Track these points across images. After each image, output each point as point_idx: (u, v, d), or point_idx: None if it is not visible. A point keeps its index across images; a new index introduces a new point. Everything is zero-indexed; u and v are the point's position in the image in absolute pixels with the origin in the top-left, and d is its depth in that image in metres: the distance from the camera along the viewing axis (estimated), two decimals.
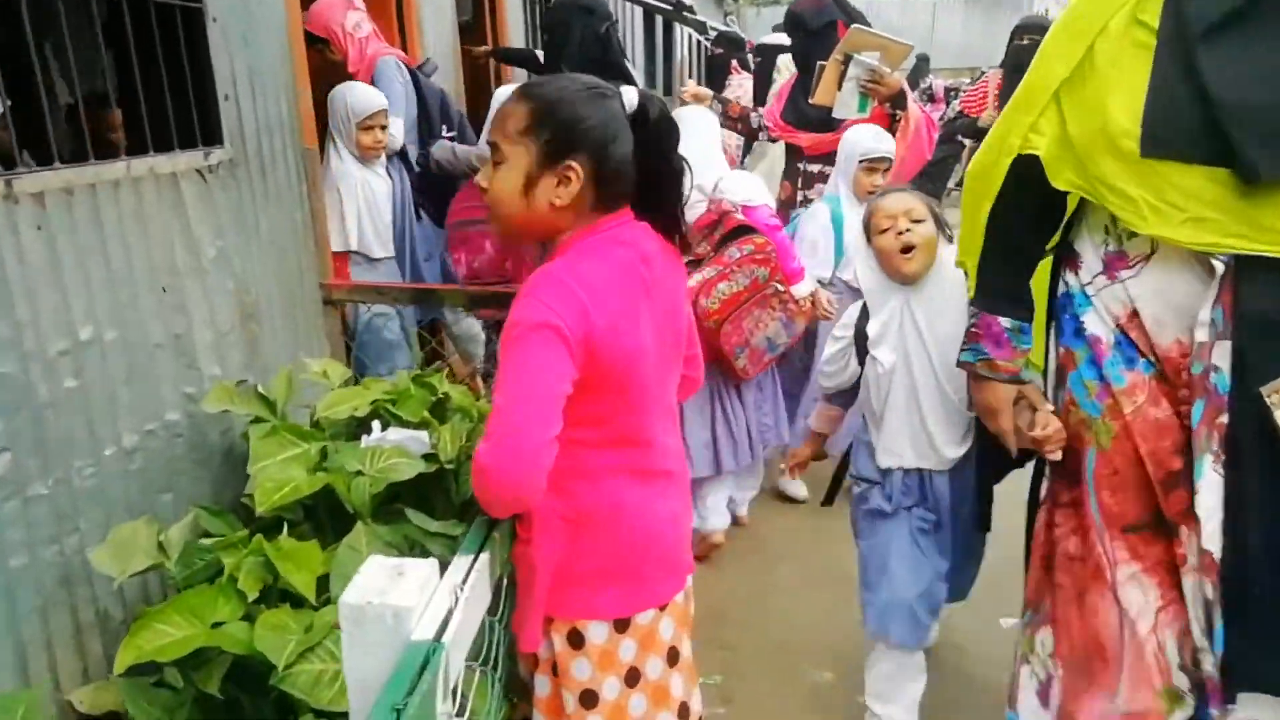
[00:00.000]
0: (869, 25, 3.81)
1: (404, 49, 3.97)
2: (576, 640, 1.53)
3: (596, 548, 1.51)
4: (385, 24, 3.90)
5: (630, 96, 1.46)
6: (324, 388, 2.28)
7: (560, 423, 1.38)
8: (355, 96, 3.21)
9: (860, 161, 3.40)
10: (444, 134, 3.53)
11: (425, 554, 1.73)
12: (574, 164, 1.40)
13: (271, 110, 2.59)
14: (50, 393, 1.81)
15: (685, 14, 8.53)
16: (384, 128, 3.27)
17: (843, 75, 3.58)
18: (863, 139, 3.43)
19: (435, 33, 4.28)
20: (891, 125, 3.70)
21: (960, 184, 7.22)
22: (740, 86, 6.14)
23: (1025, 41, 5.35)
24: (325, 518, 1.87)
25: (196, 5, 2.26)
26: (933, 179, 11.61)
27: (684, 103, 3.80)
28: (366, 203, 3.28)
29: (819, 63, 3.68)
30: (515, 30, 5.40)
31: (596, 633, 1.52)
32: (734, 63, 6.45)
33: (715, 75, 6.01)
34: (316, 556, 1.62)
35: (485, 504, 1.43)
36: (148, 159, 2.10)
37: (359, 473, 1.83)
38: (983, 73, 14.35)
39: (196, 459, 2.24)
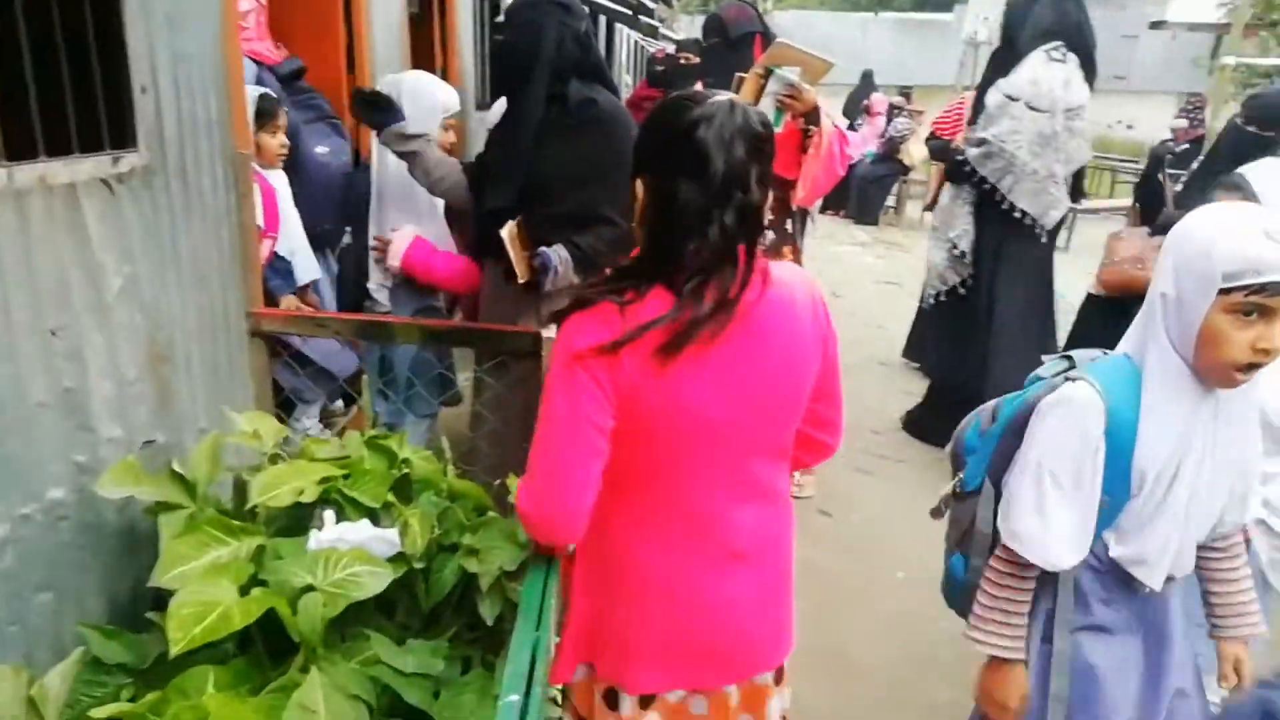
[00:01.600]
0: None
1: (350, 42, 3.54)
2: (612, 700, 1.48)
3: (629, 618, 1.42)
4: (330, 15, 3.46)
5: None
6: (252, 452, 1.85)
7: (603, 455, 1.31)
8: (446, 92, 3.07)
9: (1225, 290, 1.41)
10: None
11: (401, 707, 1.33)
12: (638, 179, 1.33)
13: (199, 107, 2.13)
14: None
15: (640, 18, 8.18)
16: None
17: (761, 89, 3.35)
18: (1235, 242, 1.39)
19: (384, 24, 3.84)
20: (804, 142, 3.50)
21: (897, 207, 7.12)
22: None
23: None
24: (261, 646, 1.45)
25: None
26: (871, 199, 11.56)
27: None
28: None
29: (737, 75, 3.44)
30: (464, 23, 5.00)
31: (626, 704, 1.46)
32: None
33: (677, 83, 5.68)
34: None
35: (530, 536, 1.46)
36: (36, 165, 1.64)
37: (309, 587, 1.42)
38: (907, 91, 14.40)
39: (85, 545, 1.78)
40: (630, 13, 7.51)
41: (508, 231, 2.55)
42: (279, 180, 2.99)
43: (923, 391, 5.02)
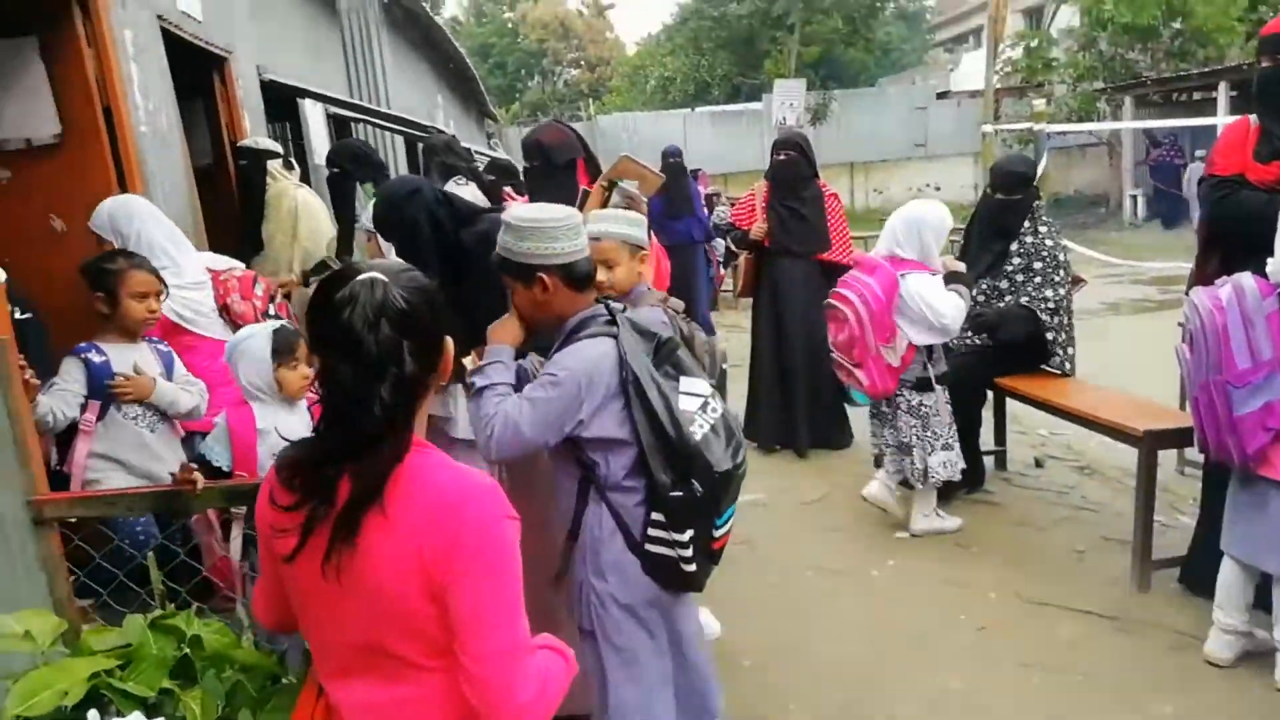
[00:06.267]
0: (598, 161, 3.85)
1: None
2: None
3: None
4: (102, 180, 3.41)
5: None
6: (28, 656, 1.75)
7: None
8: None
9: None
10: None
11: None
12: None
13: None
14: None
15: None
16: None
17: (606, 200, 3.57)
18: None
19: (166, 182, 3.82)
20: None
21: (736, 291, 7.31)
22: None
23: (782, 156, 5.52)
24: None
25: None
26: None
27: None
28: None
29: (583, 188, 3.65)
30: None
31: None
32: (507, 189, 6.30)
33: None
34: None
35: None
36: None
37: None
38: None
39: None
40: (422, 132, 7.75)
41: None
42: (271, 416, 2.74)
43: (774, 476, 5.18)
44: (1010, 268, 4.32)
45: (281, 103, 6.06)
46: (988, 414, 4.78)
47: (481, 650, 1.27)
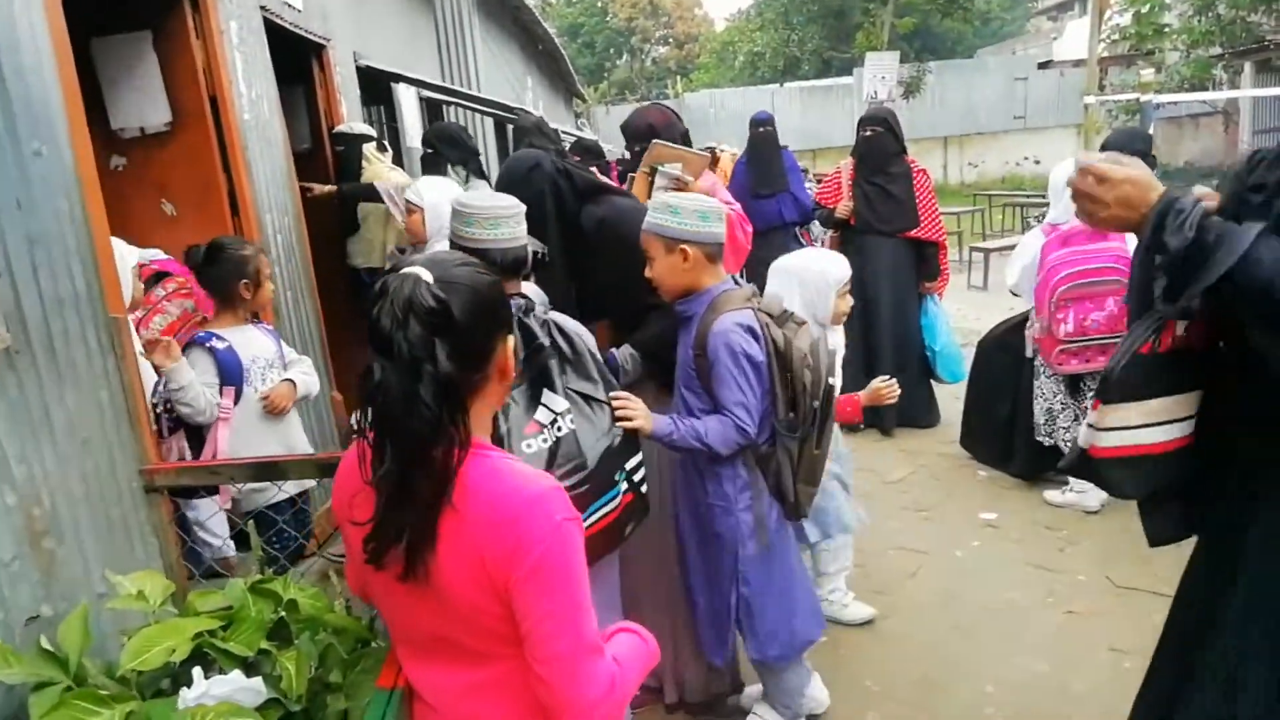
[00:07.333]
0: (690, 139, 3.88)
1: (230, 186, 3.65)
2: None
3: None
4: (209, 166, 3.58)
5: None
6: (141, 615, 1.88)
7: None
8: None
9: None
10: None
11: None
12: None
13: (63, 283, 2.21)
14: None
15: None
16: None
17: (651, 186, 3.58)
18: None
19: (268, 167, 3.97)
20: None
21: None
22: None
23: (869, 133, 5.44)
24: None
25: None
26: None
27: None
28: None
29: (630, 175, 3.69)
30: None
31: None
32: (592, 169, 6.35)
33: None
34: None
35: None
36: None
37: None
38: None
39: None
40: (512, 114, 7.90)
41: None
42: None
43: None
44: None
45: (376, 86, 6.22)
46: None
47: (547, 652, 1.27)
